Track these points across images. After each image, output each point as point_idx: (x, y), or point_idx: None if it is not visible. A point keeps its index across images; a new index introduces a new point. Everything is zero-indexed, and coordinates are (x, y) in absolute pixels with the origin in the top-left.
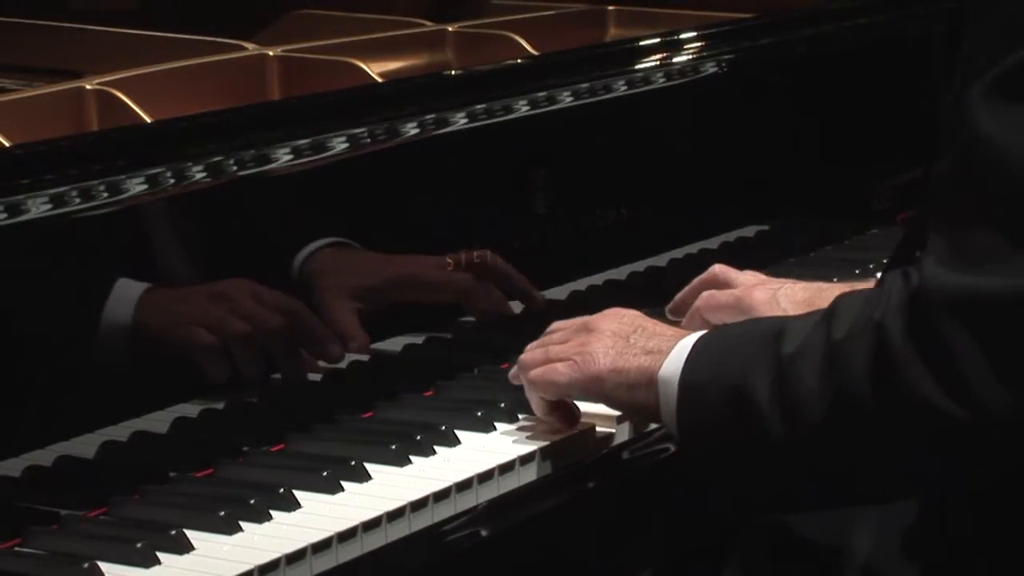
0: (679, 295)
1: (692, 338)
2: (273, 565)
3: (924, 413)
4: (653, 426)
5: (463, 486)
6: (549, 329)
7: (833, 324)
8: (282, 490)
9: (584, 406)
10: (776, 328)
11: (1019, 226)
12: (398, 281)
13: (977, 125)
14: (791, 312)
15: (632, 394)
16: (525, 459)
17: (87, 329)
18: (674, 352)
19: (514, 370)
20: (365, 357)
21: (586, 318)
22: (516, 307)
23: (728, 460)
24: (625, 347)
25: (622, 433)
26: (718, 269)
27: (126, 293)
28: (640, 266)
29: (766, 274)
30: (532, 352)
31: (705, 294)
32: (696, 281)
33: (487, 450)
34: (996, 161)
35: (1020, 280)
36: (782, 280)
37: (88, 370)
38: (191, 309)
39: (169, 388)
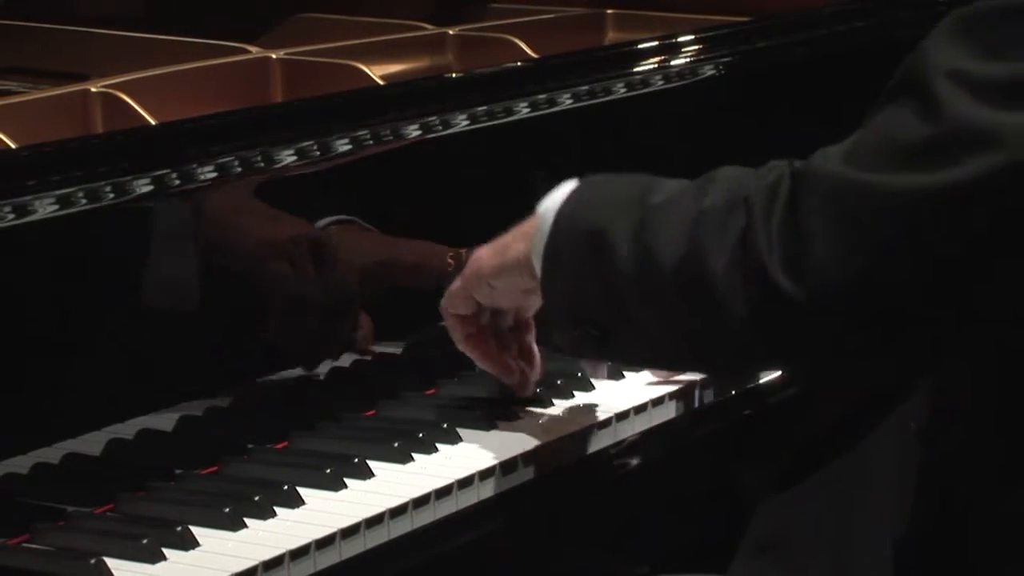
0: None
1: (574, 181)
2: (277, 561)
3: (761, 283)
4: (639, 428)
5: (465, 483)
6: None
7: (707, 188)
8: (286, 487)
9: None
10: (649, 179)
11: (912, 135)
12: (389, 262)
13: (925, 42)
14: None
15: (505, 252)
16: (527, 457)
17: (93, 328)
18: (556, 192)
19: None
20: (368, 356)
21: None
22: None
23: (575, 293)
24: (501, 236)
25: (609, 436)
26: None
27: None
28: None
29: None
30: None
31: None
32: None
33: (489, 447)
34: (918, 81)
35: (892, 180)
36: None
37: (95, 368)
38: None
39: (175, 386)
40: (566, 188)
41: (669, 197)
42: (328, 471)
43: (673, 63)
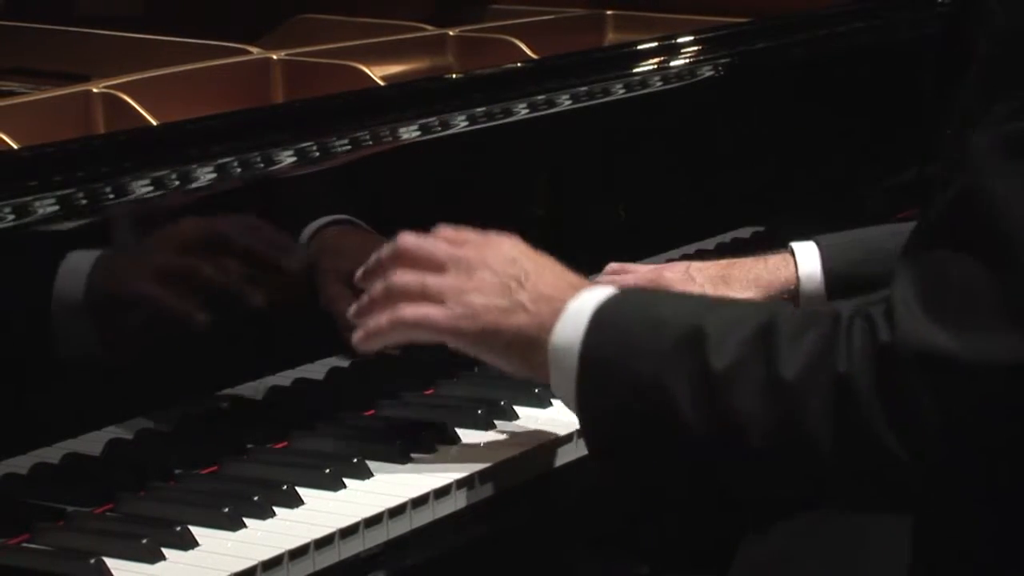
0: None
1: (585, 303)
2: (276, 561)
3: (878, 458)
4: None
5: (464, 483)
6: (434, 238)
7: (777, 351)
8: (285, 487)
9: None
10: (695, 328)
11: (1003, 292)
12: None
13: (980, 176)
14: (707, 287)
15: (508, 353)
16: (524, 457)
17: (95, 328)
18: (567, 317)
19: (371, 293)
20: (367, 355)
21: (473, 243)
22: None
23: (633, 450)
24: (506, 301)
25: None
26: (616, 266)
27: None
28: None
29: None
30: (406, 276)
31: (604, 279)
32: (595, 279)
33: (488, 447)
34: (994, 219)
35: (992, 348)
36: (686, 261)
37: (95, 368)
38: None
39: (175, 386)
40: (577, 321)
41: (734, 360)
42: (327, 471)
43: (672, 64)
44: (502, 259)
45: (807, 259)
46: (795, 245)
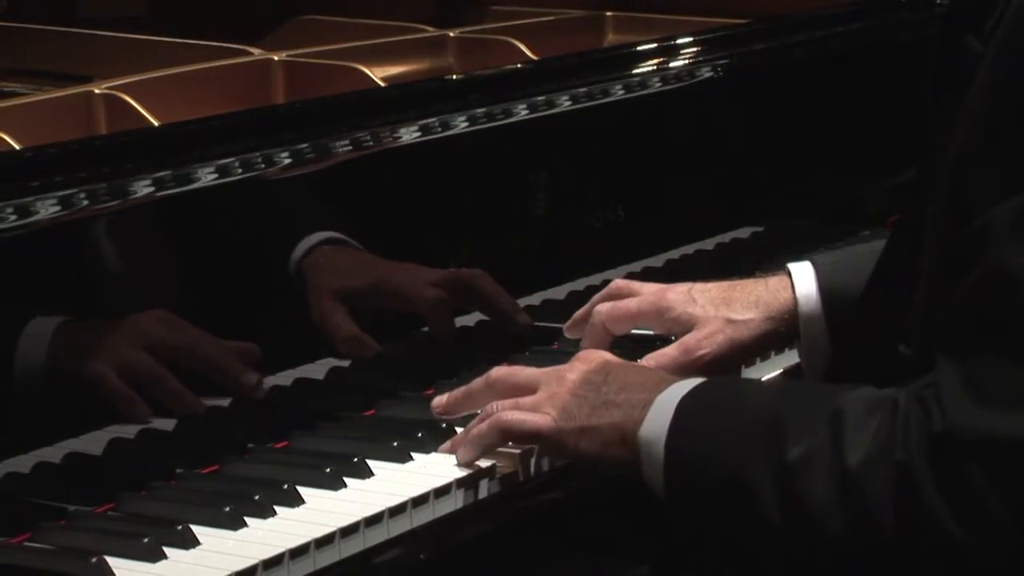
0: (578, 312)
1: (672, 395)
2: (277, 560)
3: (945, 550)
4: None
5: (464, 482)
6: (509, 371)
7: (844, 438)
8: (286, 486)
9: None
10: (772, 416)
11: None
12: (377, 286)
13: (1003, 254)
14: (709, 309)
15: (605, 451)
16: (524, 455)
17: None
18: (654, 410)
19: (444, 400)
20: (367, 355)
21: (555, 368)
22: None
23: (718, 536)
24: (597, 400)
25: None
26: (621, 283)
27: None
28: (637, 267)
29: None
30: (503, 402)
31: (606, 306)
32: (597, 297)
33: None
34: (1022, 296)
35: None
36: (688, 283)
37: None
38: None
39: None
40: (663, 412)
41: (807, 450)
42: (328, 470)
43: (672, 65)
44: (587, 363)
45: (803, 280)
46: (792, 266)
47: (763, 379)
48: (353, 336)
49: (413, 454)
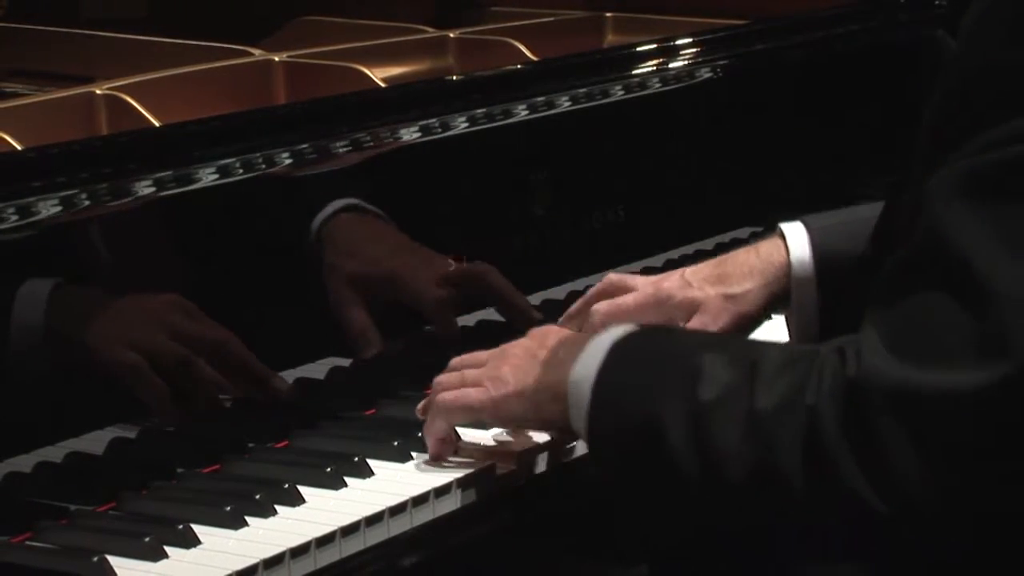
0: (572, 307)
1: (604, 340)
2: (278, 559)
3: (849, 502)
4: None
5: (464, 482)
6: (465, 357)
7: (757, 384)
8: (287, 485)
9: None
10: (692, 361)
11: (965, 325)
12: (389, 278)
13: (940, 216)
14: (707, 288)
15: (539, 411)
16: (524, 455)
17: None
18: (586, 354)
19: (423, 402)
20: (368, 355)
21: (503, 345)
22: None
23: (634, 480)
24: (532, 365)
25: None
26: (615, 277)
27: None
28: (637, 267)
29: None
30: (448, 376)
31: (604, 305)
32: (591, 292)
33: (487, 447)
34: (953, 260)
35: (959, 379)
36: (679, 269)
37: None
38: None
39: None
40: (595, 355)
41: (720, 395)
42: (328, 470)
43: (671, 66)
44: (530, 336)
45: (797, 242)
46: (784, 227)
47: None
48: (364, 331)
49: (413, 454)
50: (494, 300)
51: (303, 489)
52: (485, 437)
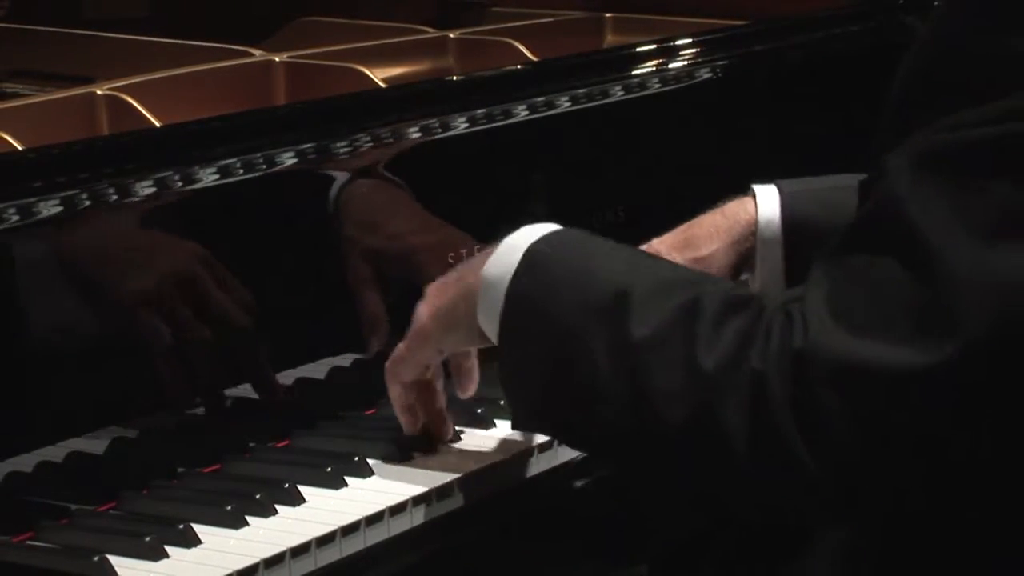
0: None
1: (521, 238)
2: (278, 558)
3: (786, 465)
4: None
5: (465, 481)
6: None
7: (697, 333)
8: (287, 485)
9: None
10: (621, 286)
11: (910, 300)
12: (406, 256)
13: (899, 187)
14: (675, 255)
15: (451, 320)
16: (524, 454)
17: (96, 328)
18: (501, 251)
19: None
20: (368, 355)
21: None
22: None
23: (548, 400)
24: (442, 291)
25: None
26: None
27: None
28: None
29: None
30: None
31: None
32: None
33: (488, 446)
34: (908, 232)
35: (901, 357)
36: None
37: (99, 368)
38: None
39: (178, 386)
40: (511, 250)
41: (655, 334)
42: (328, 469)
43: (670, 66)
44: (424, 306)
45: (767, 204)
46: (757, 188)
47: None
48: (376, 318)
49: (413, 453)
50: None
51: (303, 489)
52: (485, 437)
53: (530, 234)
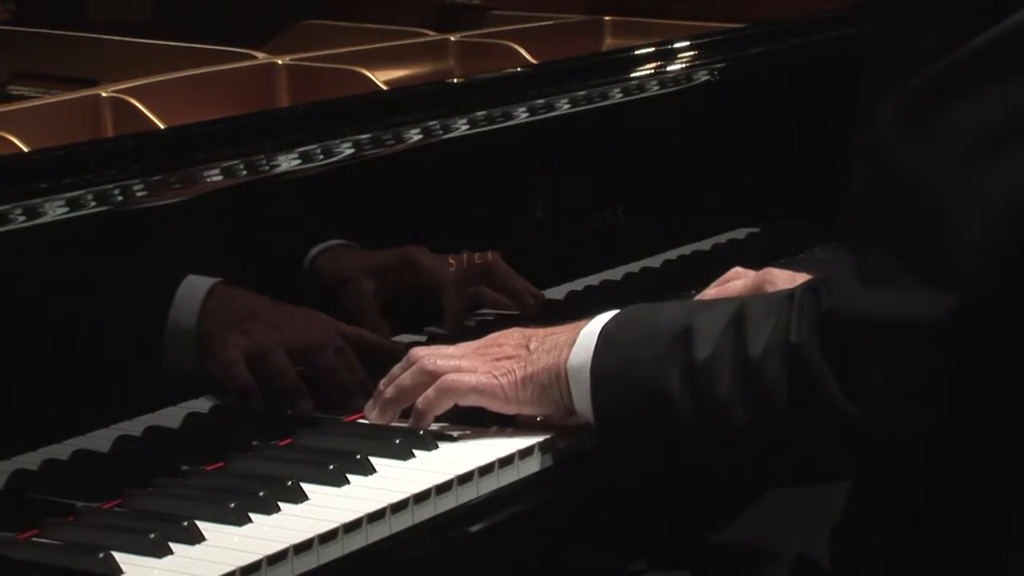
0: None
1: (594, 326)
2: (281, 555)
3: (837, 421)
4: None
5: (465, 479)
6: (428, 348)
7: (746, 334)
8: (290, 483)
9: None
10: (683, 326)
11: (916, 254)
12: (406, 262)
13: (885, 147)
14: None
15: (544, 396)
16: (523, 453)
17: (100, 328)
18: (580, 341)
19: (375, 407)
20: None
21: (476, 341)
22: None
23: (647, 451)
24: (527, 355)
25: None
26: (738, 270)
27: (192, 293)
28: (635, 267)
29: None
30: (439, 360)
31: (712, 291)
32: (718, 281)
33: (488, 444)
34: (901, 187)
35: (914, 310)
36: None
37: (103, 367)
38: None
39: (182, 385)
40: (586, 341)
41: (713, 351)
42: (331, 467)
43: (669, 69)
44: (505, 334)
45: None
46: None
47: None
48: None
49: (415, 451)
50: (501, 287)
51: (306, 486)
52: (486, 435)
53: (600, 320)
